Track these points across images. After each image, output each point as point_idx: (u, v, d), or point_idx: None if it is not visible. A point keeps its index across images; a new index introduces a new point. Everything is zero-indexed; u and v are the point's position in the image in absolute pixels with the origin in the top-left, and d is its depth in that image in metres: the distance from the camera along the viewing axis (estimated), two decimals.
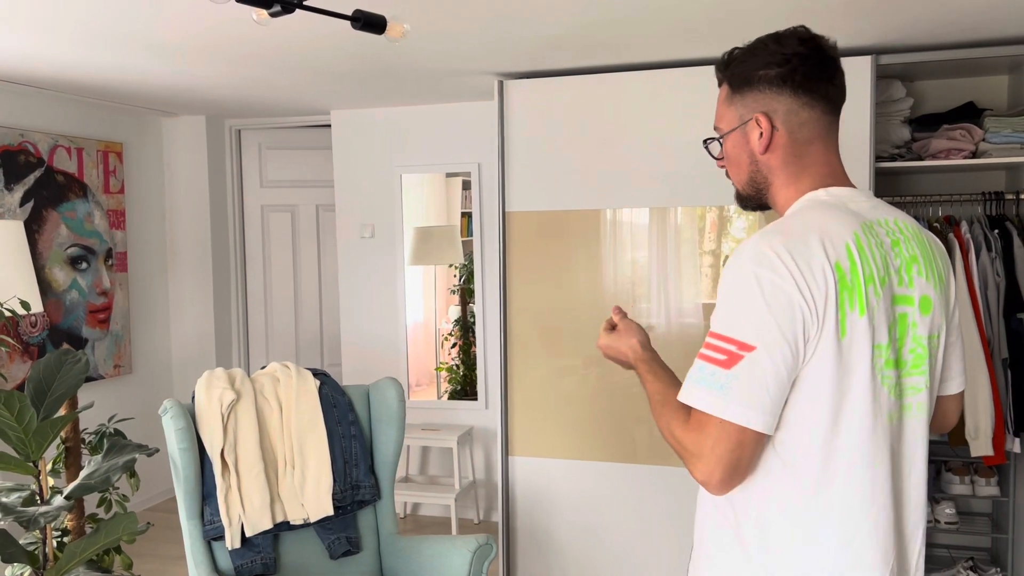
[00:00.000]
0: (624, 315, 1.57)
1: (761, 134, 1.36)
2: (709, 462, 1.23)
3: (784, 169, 1.37)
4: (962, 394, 1.49)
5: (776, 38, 1.36)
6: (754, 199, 1.44)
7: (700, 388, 1.23)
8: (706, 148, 1.48)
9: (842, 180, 1.38)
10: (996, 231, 3.26)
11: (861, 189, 1.39)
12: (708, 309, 3.48)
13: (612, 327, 1.55)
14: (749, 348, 1.20)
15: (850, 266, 1.24)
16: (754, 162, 1.39)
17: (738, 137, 1.40)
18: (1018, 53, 3.17)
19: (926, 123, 3.45)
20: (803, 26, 1.37)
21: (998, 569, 3.35)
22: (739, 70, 1.38)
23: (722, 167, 1.48)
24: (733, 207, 3.40)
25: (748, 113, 1.37)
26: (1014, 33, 3.05)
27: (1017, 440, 3.19)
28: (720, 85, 1.44)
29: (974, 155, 3.29)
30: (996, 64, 3.40)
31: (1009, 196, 3.39)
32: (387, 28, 1.89)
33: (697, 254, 3.47)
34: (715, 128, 1.46)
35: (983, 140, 3.28)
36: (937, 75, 3.60)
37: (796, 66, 1.33)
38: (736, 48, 1.41)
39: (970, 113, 3.46)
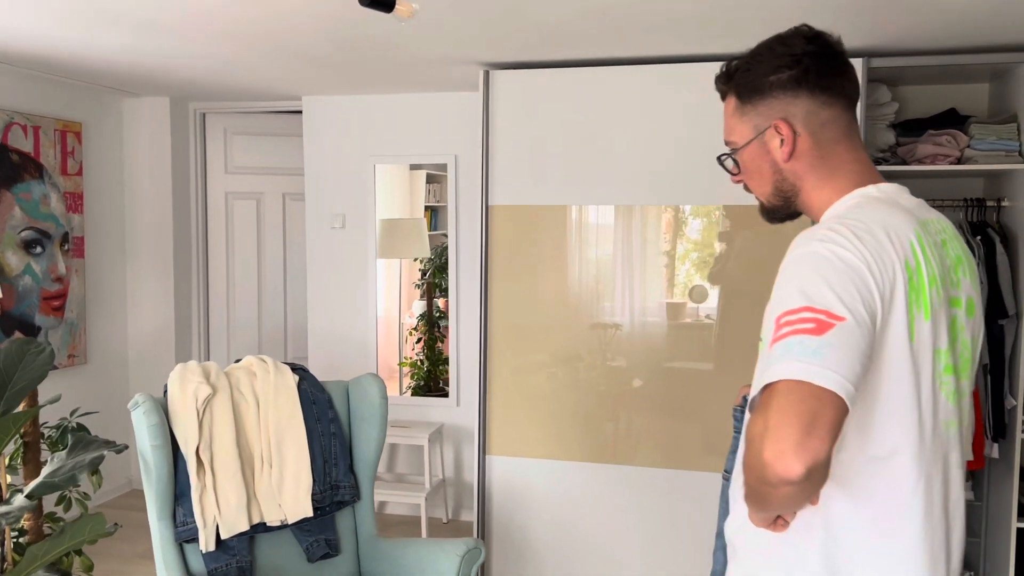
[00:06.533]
0: None
1: (783, 141, 1.28)
2: (780, 425, 1.01)
3: (812, 172, 1.29)
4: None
5: (780, 40, 1.29)
6: (782, 209, 1.35)
7: (786, 361, 1.04)
8: (721, 164, 1.40)
9: (877, 177, 1.32)
10: (978, 237, 3.27)
11: (903, 187, 1.33)
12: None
13: None
14: (839, 318, 1.06)
15: (916, 265, 1.16)
16: (778, 171, 1.31)
17: (756, 148, 1.32)
18: (1003, 61, 3.19)
19: (910, 128, 3.46)
20: (805, 24, 1.31)
21: (972, 573, 3.38)
22: (746, 79, 1.31)
23: (738, 182, 1.39)
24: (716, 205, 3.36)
25: (764, 122, 1.29)
26: (999, 41, 3.06)
27: (996, 446, 3.22)
28: (724, 98, 1.36)
29: (959, 161, 3.30)
30: (979, 71, 3.42)
31: (990, 203, 3.42)
32: (395, 6, 1.79)
33: (685, 252, 3.43)
34: (727, 143, 1.37)
35: (968, 147, 3.29)
36: (920, 81, 3.61)
37: (808, 65, 1.26)
38: (735, 59, 1.34)
39: (952, 119, 3.47)
